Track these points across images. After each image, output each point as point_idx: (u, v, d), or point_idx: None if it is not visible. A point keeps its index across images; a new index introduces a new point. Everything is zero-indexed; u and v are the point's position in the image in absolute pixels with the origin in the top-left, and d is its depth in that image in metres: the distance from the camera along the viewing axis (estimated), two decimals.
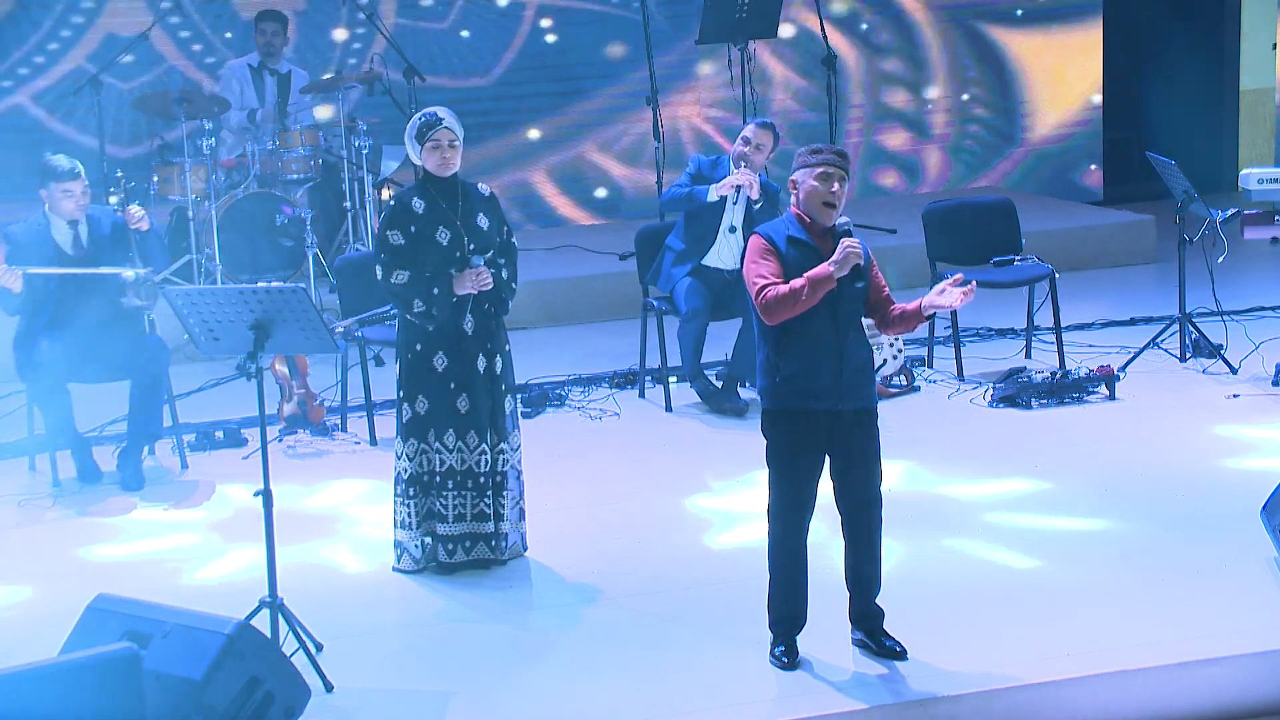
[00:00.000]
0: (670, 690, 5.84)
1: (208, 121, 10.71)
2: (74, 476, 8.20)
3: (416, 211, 6.73)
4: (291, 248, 10.93)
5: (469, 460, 6.80)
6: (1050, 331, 9.54)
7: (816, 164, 5.79)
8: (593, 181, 13.29)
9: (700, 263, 8.99)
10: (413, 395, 6.82)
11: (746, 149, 8.90)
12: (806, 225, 5.82)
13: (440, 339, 6.77)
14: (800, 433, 5.82)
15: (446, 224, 6.72)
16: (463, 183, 6.82)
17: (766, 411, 5.89)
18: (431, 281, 6.68)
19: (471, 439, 6.79)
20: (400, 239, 6.71)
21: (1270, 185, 9.36)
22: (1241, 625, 6.12)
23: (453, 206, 6.74)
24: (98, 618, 5.49)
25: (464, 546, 6.84)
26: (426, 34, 12.83)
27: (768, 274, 5.73)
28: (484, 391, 6.80)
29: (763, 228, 5.90)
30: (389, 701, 5.85)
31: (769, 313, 5.71)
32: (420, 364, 6.81)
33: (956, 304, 5.81)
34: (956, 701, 5.71)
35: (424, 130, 6.71)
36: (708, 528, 7.36)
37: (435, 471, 6.81)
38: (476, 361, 6.78)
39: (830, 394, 5.78)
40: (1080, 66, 14.16)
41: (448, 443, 6.79)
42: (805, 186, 5.81)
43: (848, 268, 5.67)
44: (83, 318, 8.07)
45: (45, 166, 8.11)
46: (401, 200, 6.78)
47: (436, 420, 6.79)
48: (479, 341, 6.79)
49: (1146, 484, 7.68)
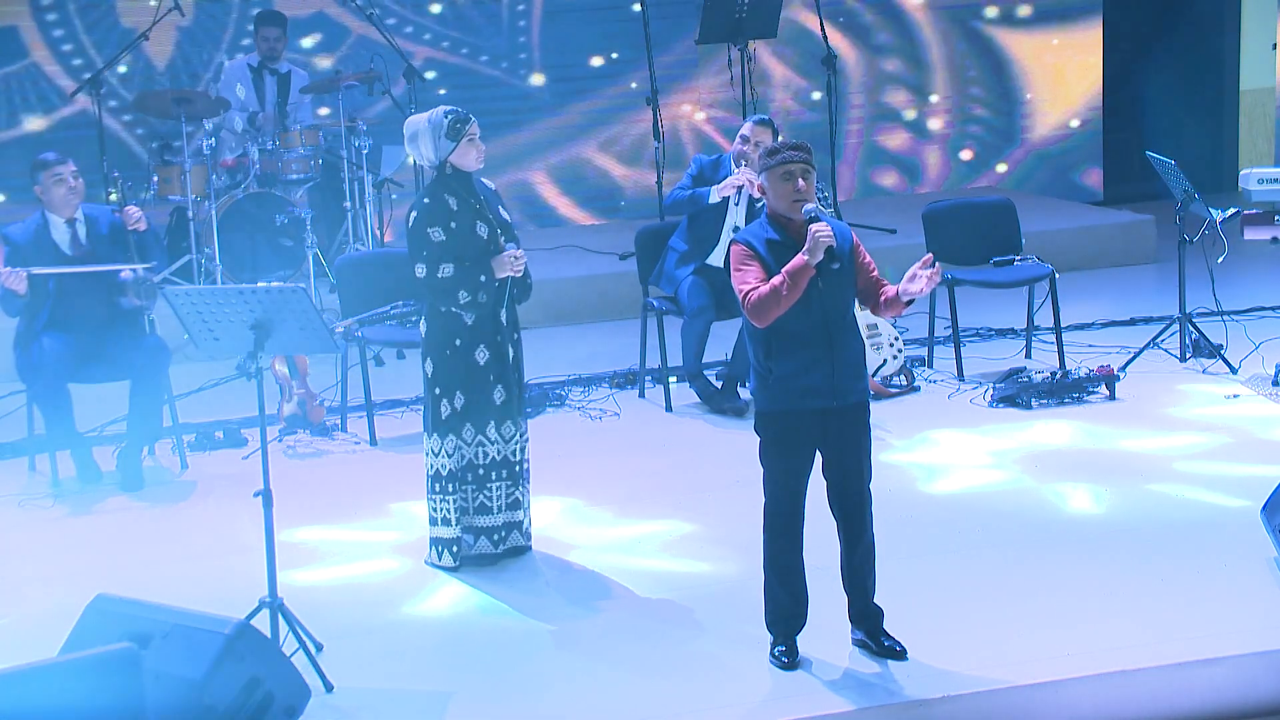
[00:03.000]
0: (670, 690, 5.84)
1: (208, 121, 10.71)
2: (74, 476, 8.20)
3: (452, 208, 6.78)
4: (291, 248, 10.93)
5: (505, 450, 6.90)
6: (1050, 331, 9.54)
7: (776, 165, 5.80)
8: (593, 181, 13.30)
9: (704, 263, 8.99)
10: (451, 391, 6.83)
11: (745, 147, 8.90)
12: (783, 225, 5.84)
13: (480, 332, 6.82)
14: (795, 431, 5.83)
15: (481, 218, 6.80)
16: (478, 178, 6.92)
17: (760, 412, 5.90)
18: (476, 270, 6.74)
19: (508, 429, 6.90)
20: (441, 235, 6.74)
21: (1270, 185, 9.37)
22: (1241, 625, 6.12)
23: (477, 200, 6.82)
24: (98, 618, 5.48)
25: (502, 536, 6.94)
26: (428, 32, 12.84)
27: (751, 279, 5.74)
28: (515, 382, 6.92)
29: (741, 234, 5.92)
30: (389, 701, 5.85)
31: (757, 315, 5.72)
32: (462, 359, 6.83)
33: (925, 290, 5.78)
34: (956, 701, 5.71)
35: (457, 126, 6.74)
36: (708, 528, 7.35)
37: (480, 465, 6.87)
38: (508, 351, 6.86)
39: (824, 392, 5.79)
40: (1080, 66, 14.17)
41: (489, 435, 6.86)
42: (772, 189, 5.82)
43: (820, 252, 5.67)
44: (82, 318, 8.07)
45: (35, 162, 8.13)
46: (436, 197, 6.80)
47: (475, 414, 6.84)
48: (510, 331, 6.90)
49: (1146, 484, 7.68)
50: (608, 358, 10.02)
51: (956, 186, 13.92)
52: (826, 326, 5.78)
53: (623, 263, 11.25)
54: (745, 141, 8.91)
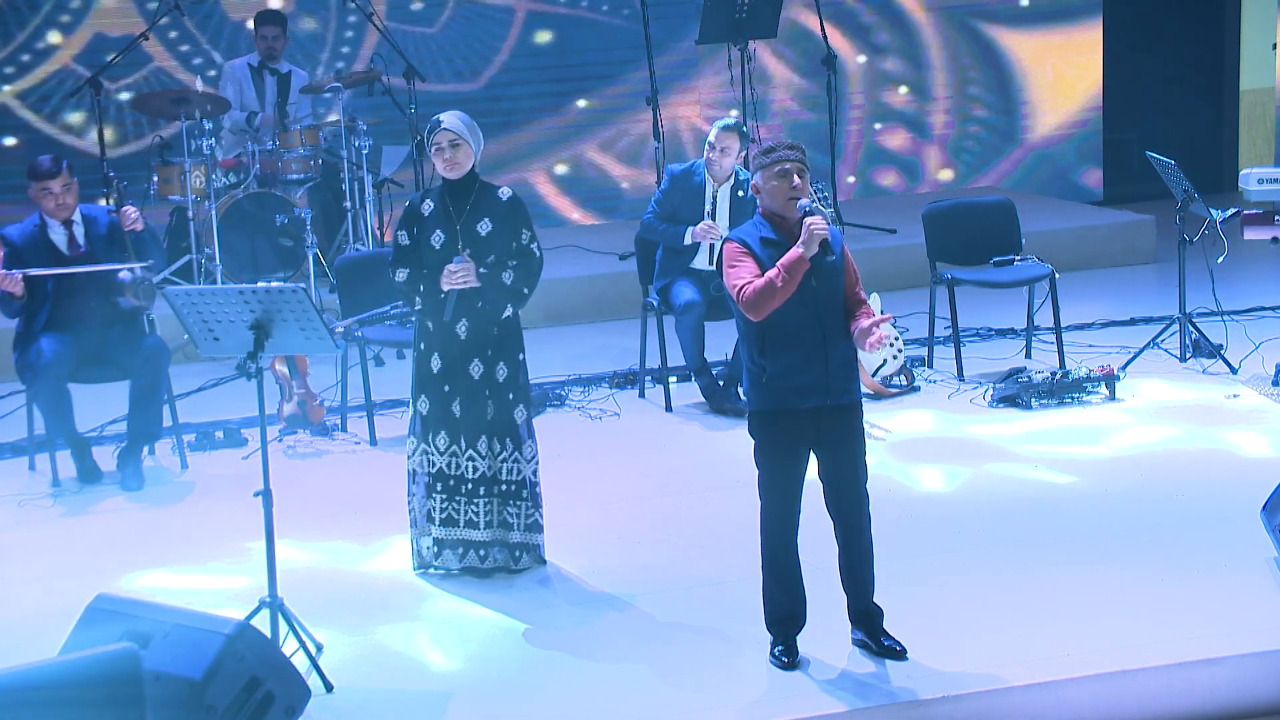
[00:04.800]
0: (670, 690, 5.84)
1: (208, 121, 10.71)
2: (74, 476, 8.20)
3: (423, 214, 6.77)
4: (291, 248, 10.93)
5: (461, 466, 6.81)
6: (1050, 331, 9.54)
7: (772, 163, 5.82)
8: (593, 181, 13.30)
9: (689, 266, 9.01)
10: (417, 394, 6.85)
11: (713, 154, 8.89)
12: (776, 224, 5.85)
13: (436, 341, 6.79)
14: (788, 431, 5.83)
15: (444, 227, 6.73)
16: (482, 186, 6.79)
17: (753, 412, 5.91)
18: (420, 279, 6.73)
19: (462, 445, 6.80)
20: (406, 240, 6.78)
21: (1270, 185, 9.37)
22: (1241, 625, 6.11)
23: (459, 210, 6.75)
24: (98, 618, 5.48)
25: (456, 553, 6.84)
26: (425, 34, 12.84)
27: (745, 274, 5.75)
28: (479, 398, 6.78)
29: (734, 233, 5.93)
30: (389, 701, 5.85)
31: (752, 308, 5.72)
32: (422, 364, 6.84)
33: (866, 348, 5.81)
34: (956, 701, 5.70)
35: (427, 136, 6.75)
36: (708, 528, 7.35)
37: (429, 473, 6.83)
38: (470, 366, 6.76)
39: (816, 391, 5.79)
40: (1080, 66, 14.17)
41: (439, 445, 6.80)
42: (767, 188, 5.84)
43: (815, 245, 5.68)
44: (81, 318, 8.07)
45: (29, 167, 8.14)
46: (413, 202, 6.84)
47: (433, 422, 6.81)
48: (474, 347, 6.76)
49: (1146, 484, 7.68)
50: (608, 358, 10.02)
51: (956, 186, 13.92)
52: (820, 325, 5.79)
53: (622, 263, 11.26)
54: (712, 148, 8.90)
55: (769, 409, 5.85)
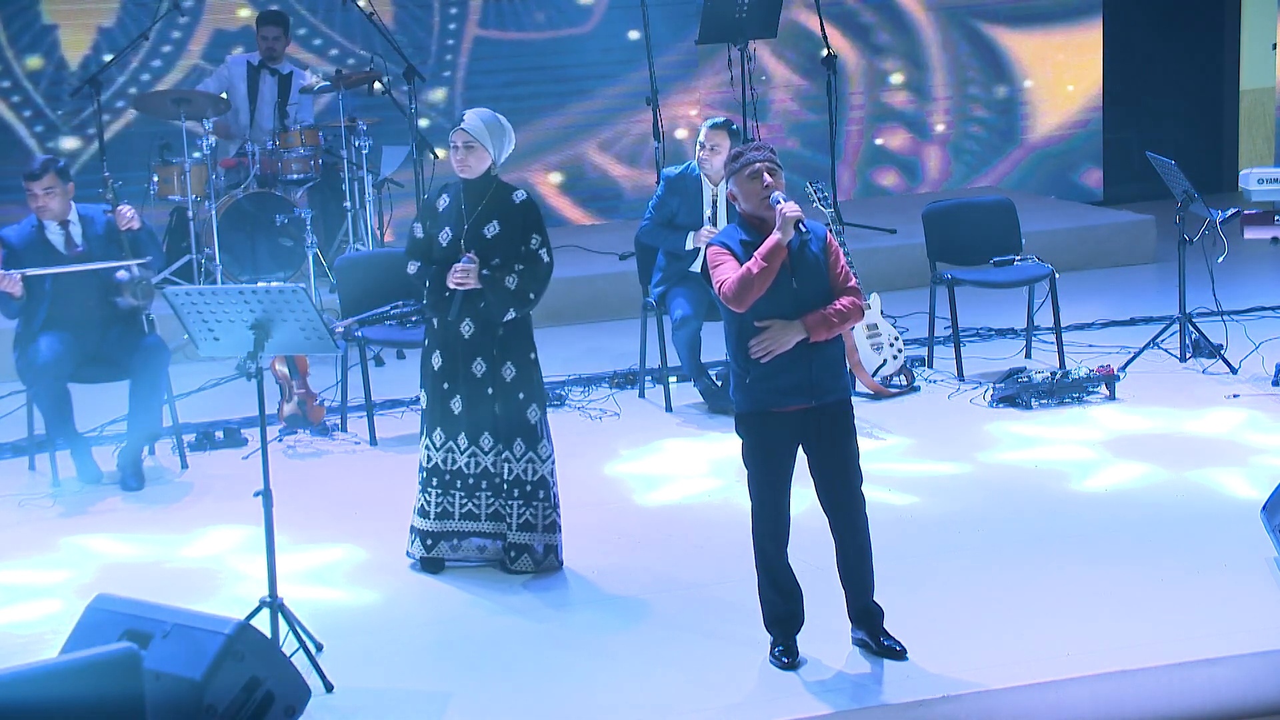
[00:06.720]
0: (670, 690, 5.84)
1: (208, 121, 10.71)
2: (74, 476, 8.20)
3: (438, 209, 6.82)
4: (291, 248, 10.93)
5: (458, 462, 6.81)
6: (1050, 331, 9.54)
7: (741, 168, 5.85)
8: (593, 181, 13.29)
9: (688, 270, 9.00)
10: (423, 389, 6.89)
11: (704, 153, 8.88)
12: (755, 227, 5.86)
13: (437, 338, 6.81)
14: (775, 432, 5.84)
15: (454, 225, 6.75)
16: (499, 187, 6.81)
17: (740, 414, 5.91)
18: (426, 274, 6.78)
19: (462, 441, 6.80)
20: (420, 232, 6.85)
21: (1270, 185, 9.36)
22: (1241, 625, 6.12)
23: (471, 209, 6.76)
24: (98, 618, 5.48)
25: (450, 544, 6.86)
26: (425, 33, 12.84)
27: (728, 272, 5.78)
28: (482, 396, 6.78)
29: (715, 239, 5.96)
30: (389, 701, 5.85)
31: (735, 299, 5.73)
32: (425, 360, 6.89)
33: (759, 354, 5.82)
34: (956, 701, 5.71)
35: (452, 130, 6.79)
36: (708, 528, 7.36)
37: (425, 468, 6.86)
38: (473, 365, 6.76)
39: (802, 391, 5.80)
40: (1080, 66, 14.17)
41: (435, 441, 6.82)
42: (741, 192, 5.86)
43: (791, 229, 5.71)
44: (80, 318, 8.08)
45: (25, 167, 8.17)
46: (432, 196, 6.92)
47: (430, 418, 6.84)
48: (478, 346, 6.76)
49: (1146, 484, 7.68)
50: (608, 358, 10.02)
51: (956, 186, 13.92)
52: None
53: (622, 263, 11.25)
54: (703, 147, 8.89)
55: (755, 411, 5.86)
